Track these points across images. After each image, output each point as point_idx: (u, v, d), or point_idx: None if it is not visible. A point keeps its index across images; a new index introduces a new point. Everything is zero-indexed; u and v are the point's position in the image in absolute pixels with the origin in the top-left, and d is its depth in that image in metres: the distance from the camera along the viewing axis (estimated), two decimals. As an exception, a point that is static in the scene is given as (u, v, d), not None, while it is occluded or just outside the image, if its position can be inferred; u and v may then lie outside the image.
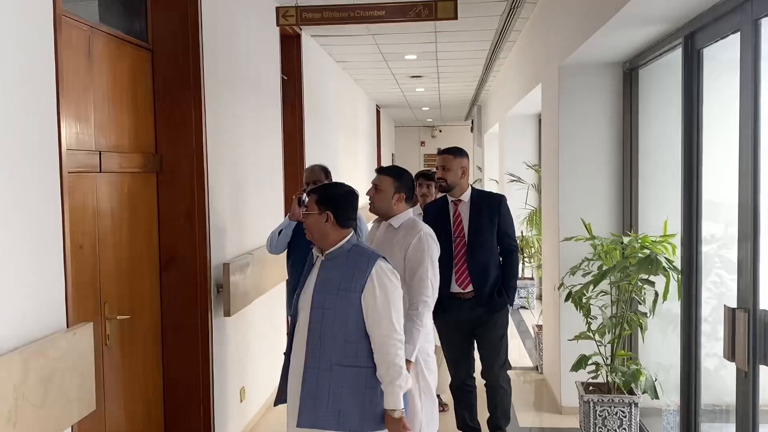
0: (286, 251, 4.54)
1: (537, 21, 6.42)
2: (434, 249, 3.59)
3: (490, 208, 4.21)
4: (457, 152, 4.27)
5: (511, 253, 4.27)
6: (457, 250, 4.20)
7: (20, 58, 2.41)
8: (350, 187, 3.08)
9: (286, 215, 4.45)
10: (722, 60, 3.67)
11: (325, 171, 4.64)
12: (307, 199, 4.22)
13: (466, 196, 4.24)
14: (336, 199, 2.95)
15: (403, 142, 20.75)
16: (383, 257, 2.95)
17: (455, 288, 4.21)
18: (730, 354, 2.99)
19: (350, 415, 2.83)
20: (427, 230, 3.60)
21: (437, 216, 4.30)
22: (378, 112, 14.88)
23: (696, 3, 3.28)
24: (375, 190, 3.63)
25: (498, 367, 4.29)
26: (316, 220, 2.94)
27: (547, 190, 5.90)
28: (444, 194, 4.34)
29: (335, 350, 2.85)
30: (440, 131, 20.77)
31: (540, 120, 9.20)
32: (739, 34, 2.98)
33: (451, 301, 4.21)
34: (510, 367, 4.40)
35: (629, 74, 4.94)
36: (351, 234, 2.98)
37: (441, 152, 4.34)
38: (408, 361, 3.46)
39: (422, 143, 20.97)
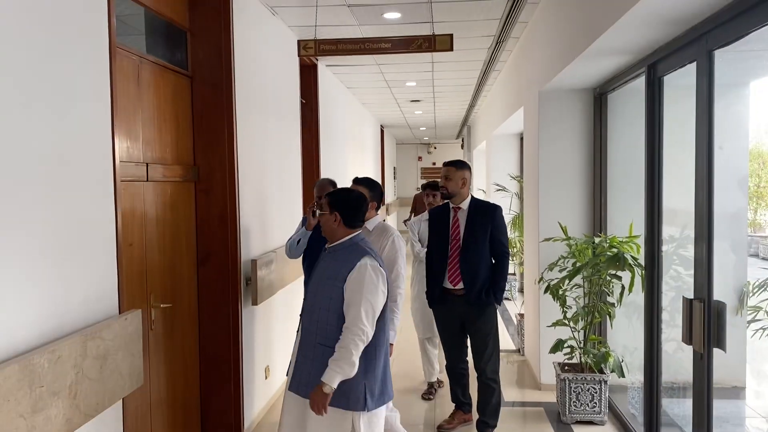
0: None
1: (519, 53, 6.42)
2: (404, 248, 3.71)
3: (485, 216, 4.09)
4: (459, 165, 4.18)
5: (501, 258, 4.11)
6: (452, 251, 4.11)
7: (82, 83, 2.42)
8: (359, 192, 3.06)
9: (300, 222, 4.35)
10: (678, 86, 3.66)
11: (332, 183, 4.41)
12: (318, 211, 4.20)
13: (465, 204, 4.13)
14: (344, 203, 2.94)
15: (403, 157, 20.73)
16: (371, 255, 2.85)
17: (447, 284, 4.13)
18: (688, 338, 2.98)
19: None
20: (397, 233, 3.70)
21: (438, 219, 4.24)
22: (382, 131, 14.86)
23: (657, 37, 3.27)
24: None
25: (486, 359, 4.13)
26: (327, 219, 2.94)
27: (528, 198, 5.89)
28: (447, 201, 4.23)
29: (320, 331, 2.82)
30: (435, 148, 20.74)
31: (521, 138, 9.23)
32: (695, 63, 2.97)
33: (445, 295, 4.16)
34: (499, 360, 4.22)
35: (599, 98, 4.93)
36: (356, 233, 2.95)
37: (445, 164, 4.23)
38: (390, 345, 3.43)
39: (419, 158, 20.94)
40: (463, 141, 17.89)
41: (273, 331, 4.97)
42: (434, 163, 20.82)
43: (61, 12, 2.31)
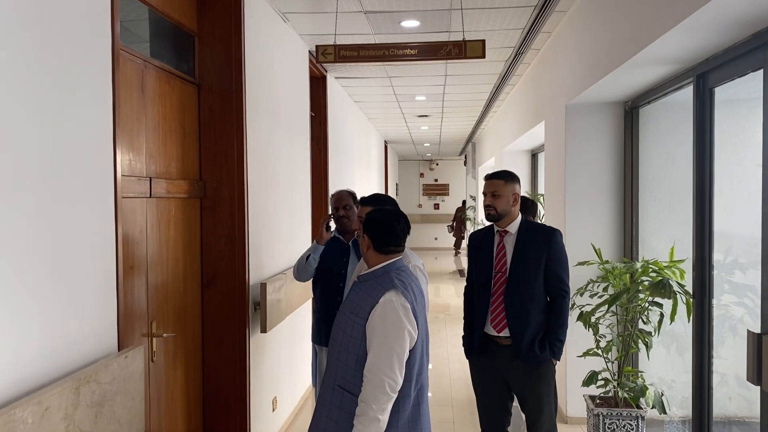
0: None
1: (539, 65, 6.15)
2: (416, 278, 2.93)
3: (537, 242, 3.19)
4: (509, 177, 3.29)
5: (558, 298, 3.20)
6: (495, 286, 3.24)
7: (81, 87, 2.12)
8: (393, 213, 2.58)
9: (312, 240, 3.90)
10: (731, 99, 3.38)
11: (352, 195, 3.93)
12: (333, 225, 3.87)
13: (513, 227, 3.25)
14: (373, 225, 2.52)
15: (405, 173, 20.48)
16: (400, 289, 2.38)
17: (489, 329, 3.26)
18: (755, 377, 2.65)
19: None
20: (415, 262, 3.02)
21: (480, 245, 3.35)
22: (386, 147, 14.61)
23: (711, 43, 2.99)
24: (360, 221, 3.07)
25: (541, 427, 3.28)
26: (362, 243, 2.55)
27: (552, 218, 5.58)
28: (491, 223, 3.37)
29: (339, 371, 2.42)
30: (437, 164, 20.50)
31: (532, 155, 8.95)
32: (761, 71, 2.68)
33: (486, 343, 3.29)
34: (555, 423, 3.35)
35: (630, 113, 4.65)
36: (392, 260, 2.50)
37: (490, 177, 3.31)
38: None
39: (421, 174, 20.70)
40: (466, 158, 17.64)
41: (281, 359, 4.64)
42: (436, 180, 20.57)
43: (61, 8, 2.01)
